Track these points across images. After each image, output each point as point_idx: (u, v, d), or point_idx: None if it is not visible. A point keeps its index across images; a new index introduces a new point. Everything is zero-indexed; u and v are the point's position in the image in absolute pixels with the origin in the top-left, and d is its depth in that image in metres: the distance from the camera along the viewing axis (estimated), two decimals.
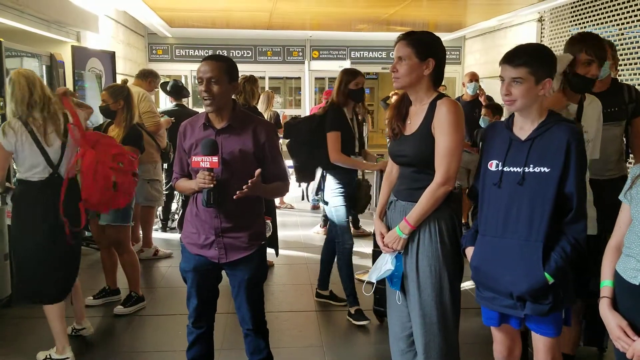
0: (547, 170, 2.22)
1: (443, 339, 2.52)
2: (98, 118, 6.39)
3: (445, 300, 2.50)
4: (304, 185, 4.55)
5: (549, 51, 2.35)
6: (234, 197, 2.60)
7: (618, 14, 7.36)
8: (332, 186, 4.19)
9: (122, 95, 4.25)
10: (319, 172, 4.28)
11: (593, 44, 2.86)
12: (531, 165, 2.25)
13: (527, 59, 2.22)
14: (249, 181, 2.59)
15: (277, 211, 8.03)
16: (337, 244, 4.30)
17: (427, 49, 2.49)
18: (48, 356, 3.54)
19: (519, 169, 2.27)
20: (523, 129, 2.32)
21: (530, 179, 2.24)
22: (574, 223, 2.24)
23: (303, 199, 4.35)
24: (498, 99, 5.90)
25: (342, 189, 4.17)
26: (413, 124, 2.56)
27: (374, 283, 2.67)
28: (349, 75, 4.17)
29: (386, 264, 2.56)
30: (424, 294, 2.50)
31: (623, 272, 2.00)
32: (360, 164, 4.22)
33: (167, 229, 6.96)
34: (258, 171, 2.63)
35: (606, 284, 2.08)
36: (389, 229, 2.62)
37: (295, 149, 4.40)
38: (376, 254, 4.08)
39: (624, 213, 2.10)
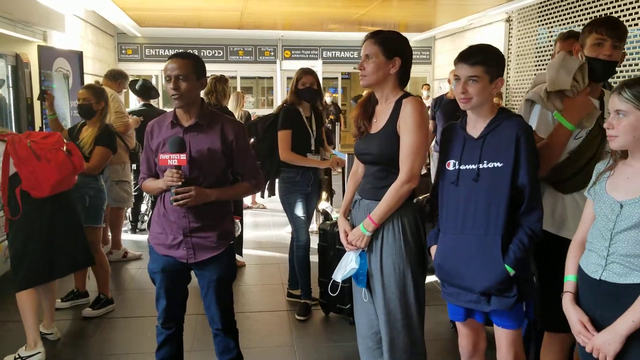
0: (499, 165, 2.26)
1: (407, 335, 2.54)
2: (67, 117, 6.33)
3: (409, 298, 2.52)
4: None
5: (500, 51, 2.40)
6: (176, 204, 2.62)
7: (584, 15, 7.49)
8: (287, 184, 4.22)
9: (103, 97, 4.31)
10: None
11: (602, 22, 2.51)
12: (485, 162, 2.29)
13: (483, 57, 2.27)
14: (179, 191, 2.59)
15: (249, 211, 8.02)
16: (292, 239, 4.35)
17: (394, 47, 2.51)
18: (17, 356, 3.49)
19: (474, 166, 2.32)
20: (475, 127, 2.37)
21: (485, 175, 2.29)
22: (528, 213, 2.28)
23: (263, 196, 4.34)
24: None
25: (297, 187, 4.20)
26: (379, 123, 2.57)
27: (339, 282, 2.67)
28: (300, 73, 4.21)
29: (350, 263, 2.57)
30: (388, 291, 2.52)
31: (585, 267, 2.03)
32: (309, 162, 4.20)
33: (137, 230, 6.90)
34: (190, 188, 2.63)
35: (570, 279, 2.11)
36: (353, 227, 2.63)
37: (257, 148, 4.41)
38: (321, 247, 4.17)
39: (588, 209, 2.13)
